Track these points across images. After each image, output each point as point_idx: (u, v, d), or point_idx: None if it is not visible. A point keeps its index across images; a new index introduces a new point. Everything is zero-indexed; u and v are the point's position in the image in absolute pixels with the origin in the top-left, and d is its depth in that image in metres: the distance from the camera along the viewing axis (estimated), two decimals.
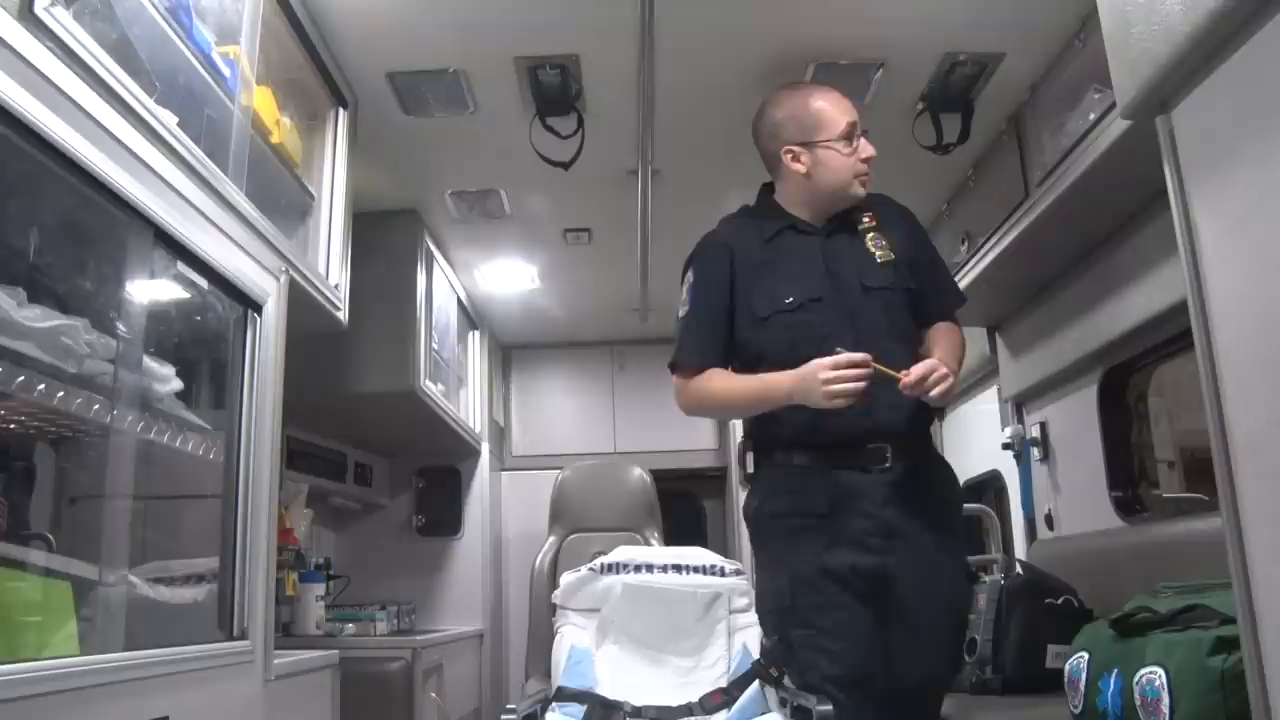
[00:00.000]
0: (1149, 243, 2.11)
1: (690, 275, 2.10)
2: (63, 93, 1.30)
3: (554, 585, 3.25)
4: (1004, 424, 3.11)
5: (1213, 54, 1.20)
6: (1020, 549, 3.05)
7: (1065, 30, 2.21)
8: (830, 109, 2.04)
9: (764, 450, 2.05)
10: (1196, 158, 1.27)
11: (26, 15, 1.23)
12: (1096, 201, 2.10)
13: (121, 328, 1.57)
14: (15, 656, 1.25)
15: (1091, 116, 1.93)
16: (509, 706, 2.55)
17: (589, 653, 2.94)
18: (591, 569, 3.15)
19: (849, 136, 2.02)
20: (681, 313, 2.11)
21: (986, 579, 2.49)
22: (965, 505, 1.94)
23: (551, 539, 3.79)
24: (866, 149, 2.03)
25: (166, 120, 1.58)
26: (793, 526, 1.93)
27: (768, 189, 2.16)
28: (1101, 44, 1.46)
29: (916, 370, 1.79)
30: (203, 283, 1.80)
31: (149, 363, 1.68)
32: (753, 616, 3.05)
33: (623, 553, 3.19)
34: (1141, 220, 2.14)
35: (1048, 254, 2.45)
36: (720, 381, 2.03)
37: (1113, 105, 1.66)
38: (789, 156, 2.04)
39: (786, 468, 1.98)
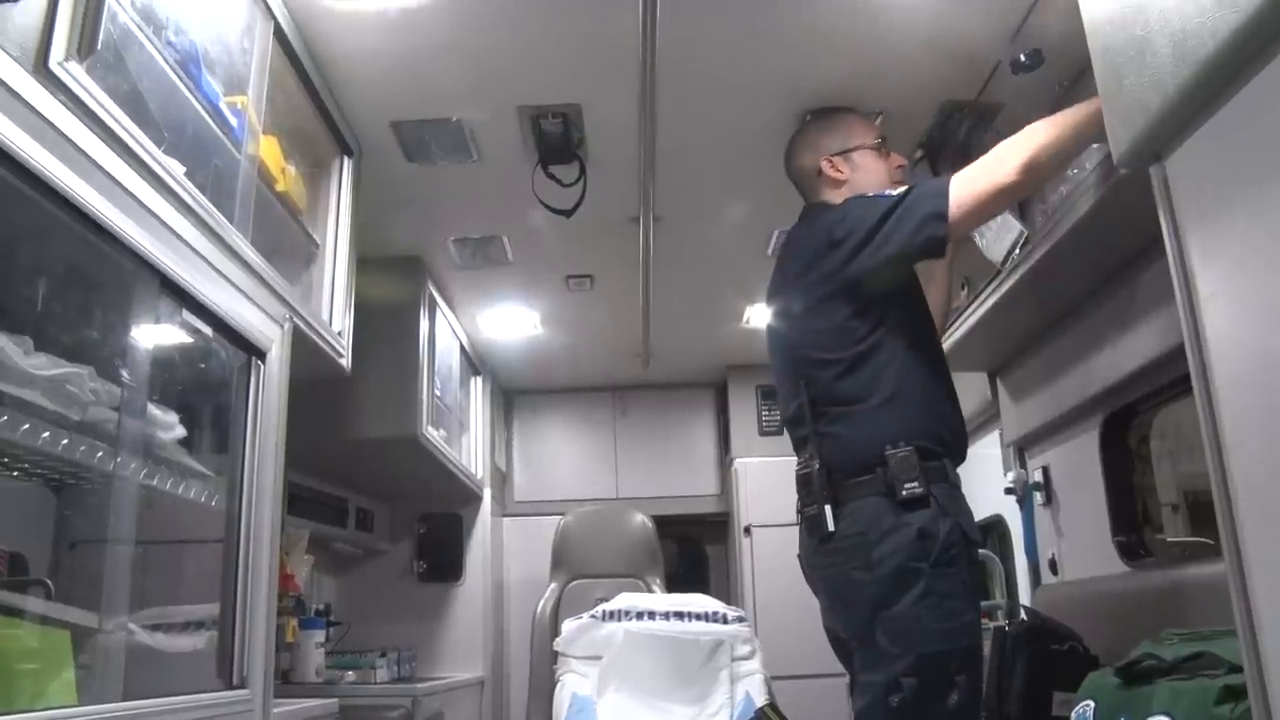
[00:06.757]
0: (1147, 288, 2.13)
1: (859, 202, 1.96)
2: (74, 144, 1.31)
3: (556, 632, 3.24)
4: (1006, 469, 3.10)
5: (1204, 105, 1.22)
6: (1024, 594, 3.03)
7: (1064, 80, 2.24)
8: (861, 119, 2.27)
9: (932, 457, 1.84)
10: (1191, 205, 1.28)
11: (41, 69, 1.26)
12: (1096, 247, 2.12)
13: (126, 375, 1.58)
14: (11, 707, 1.24)
15: (1089, 165, 1.95)
16: None
17: (590, 701, 2.91)
18: (593, 616, 3.13)
19: (881, 145, 2.18)
20: (889, 201, 1.89)
21: (991, 625, 2.47)
22: None
23: (553, 585, 3.77)
24: (897, 158, 2.20)
25: (174, 170, 1.60)
26: (974, 556, 1.85)
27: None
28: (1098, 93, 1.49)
29: None
30: (207, 330, 1.81)
31: (152, 410, 1.69)
32: (755, 664, 3.04)
33: (625, 599, 3.18)
34: (1139, 266, 2.15)
35: (1048, 299, 2.46)
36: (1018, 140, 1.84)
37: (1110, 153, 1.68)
38: (828, 165, 2.15)
39: (956, 486, 1.87)
